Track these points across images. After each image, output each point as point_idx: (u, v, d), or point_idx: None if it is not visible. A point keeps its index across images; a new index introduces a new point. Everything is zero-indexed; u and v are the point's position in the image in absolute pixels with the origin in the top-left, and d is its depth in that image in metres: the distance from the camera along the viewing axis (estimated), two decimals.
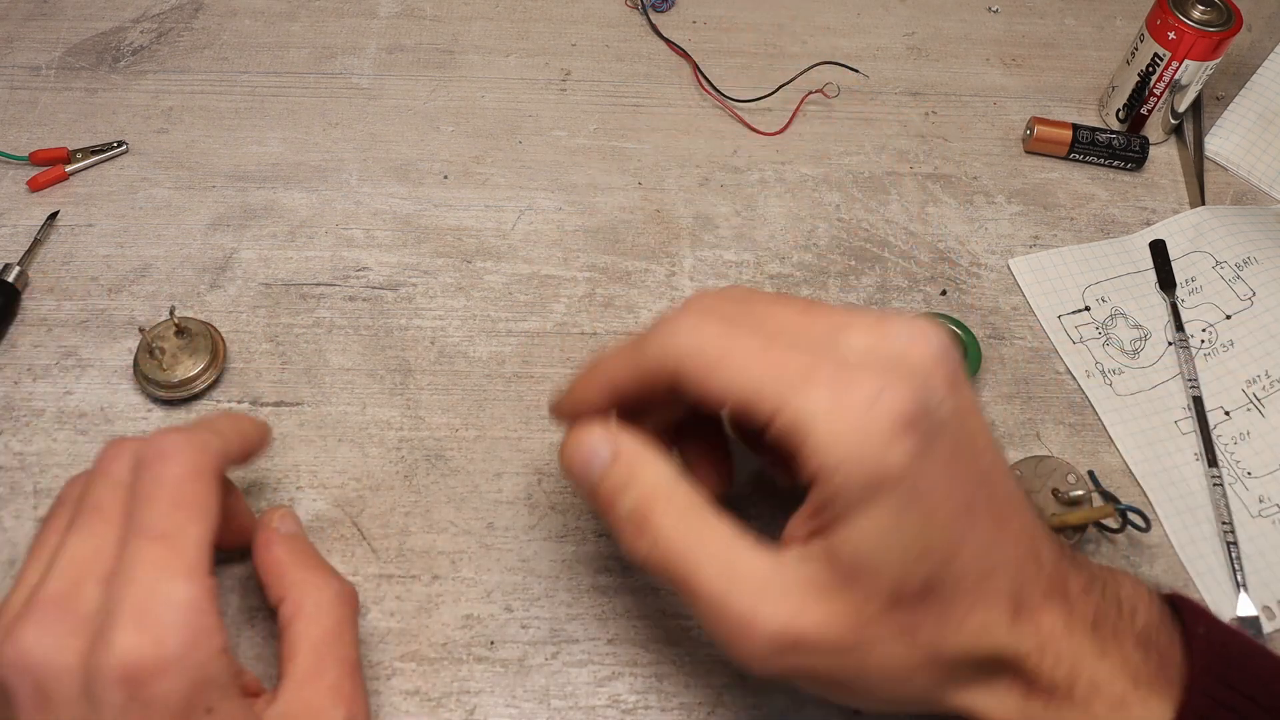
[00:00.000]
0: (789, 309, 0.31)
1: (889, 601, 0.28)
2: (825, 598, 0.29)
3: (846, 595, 0.28)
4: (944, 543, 0.28)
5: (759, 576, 0.29)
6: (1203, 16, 0.53)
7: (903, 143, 0.59)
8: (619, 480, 0.32)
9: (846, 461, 0.27)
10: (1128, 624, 0.30)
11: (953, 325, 0.48)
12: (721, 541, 0.30)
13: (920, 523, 0.28)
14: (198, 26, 0.62)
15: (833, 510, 0.28)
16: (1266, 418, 0.47)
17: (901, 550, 0.28)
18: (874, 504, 0.28)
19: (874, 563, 0.28)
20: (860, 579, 0.28)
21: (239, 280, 0.50)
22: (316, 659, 0.33)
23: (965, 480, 0.29)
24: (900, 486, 0.27)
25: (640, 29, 0.64)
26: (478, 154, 0.57)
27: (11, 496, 0.43)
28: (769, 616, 0.28)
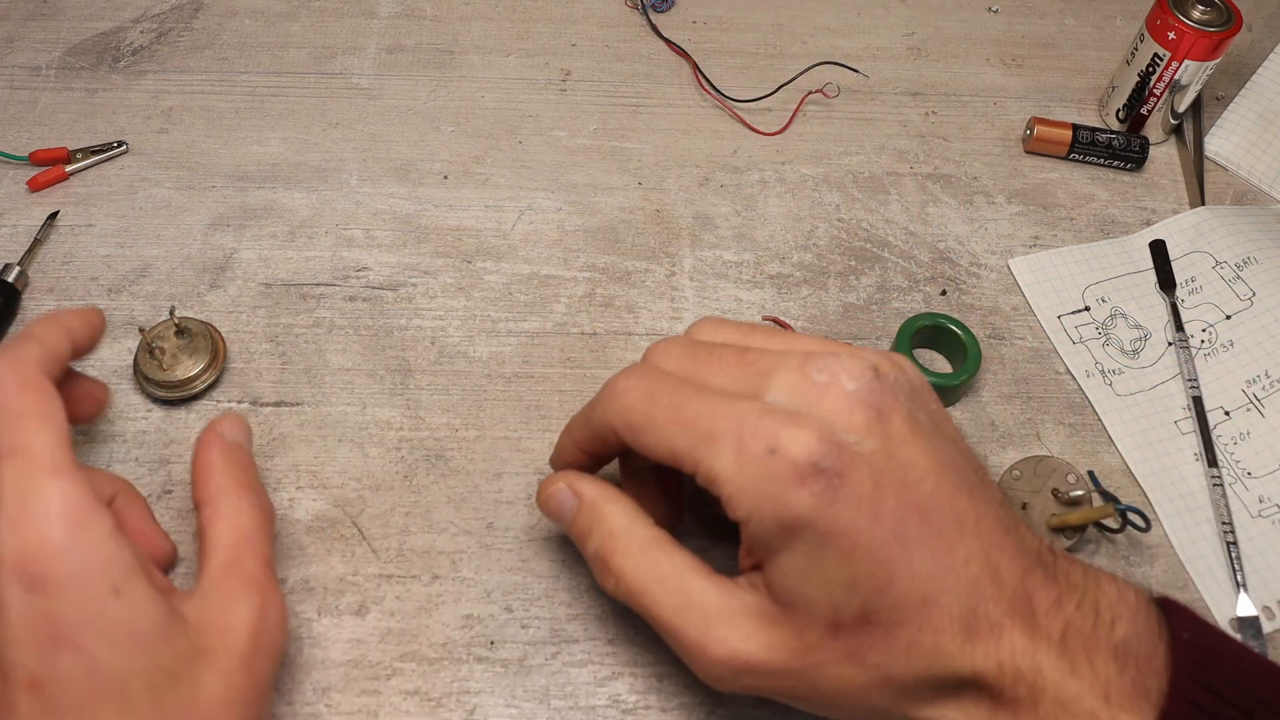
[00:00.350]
0: (727, 357, 0.33)
1: (828, 629, 0.30)
2: (768, 625, 0.31)
3: (787, 623, 0.31)
4: (871, 574, 0.29)
5: (709, 606, 0.32)
6: (1203, 16, 0.53)
7: (903, 143, 0.59)
8: (584, 525, 0.35)
9: (754, 512, 0.30)
10: (1104, 636, 0.30)
11: (953, 325, 0.48)
12: (675, 574, 0.33)
13: (839, 559, 0.29)
14: (198, 26, 0.62)
15: (757, 552, 0.31)
16: (1266, 418, 0.47)
17: (827, 584, 0.29)
18: (787, 547, 0.30)
19: (804, 596, 0.30)
20: (797, 609, 0.30)
21: (239, 280, 0.50)
22: (233, 555, 0.34)
23: (891, 512, 0.29)
24: (809, 529, 0.29)
25: (640, 29, 0.64)
26: (478, 154, 0.57)
27: None
28: (718, 642, 0.31)
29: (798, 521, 0.29)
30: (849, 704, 0.31)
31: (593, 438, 0.36)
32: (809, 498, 0.29)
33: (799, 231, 0.54)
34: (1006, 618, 0.29)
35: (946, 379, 0.46)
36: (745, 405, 0.31)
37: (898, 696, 0.30)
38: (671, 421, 0.32)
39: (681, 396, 0.32)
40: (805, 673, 0.31)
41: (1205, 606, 0.42)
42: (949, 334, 0.48)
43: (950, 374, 0.47)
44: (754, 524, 0.30)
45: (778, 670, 0.31)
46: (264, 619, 0.33)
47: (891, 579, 0.29)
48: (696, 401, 0.32)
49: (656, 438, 0.32)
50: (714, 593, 0.32)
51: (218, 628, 0.32)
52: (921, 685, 0.30)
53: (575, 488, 0.36)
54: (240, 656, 0.32)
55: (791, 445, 0.29)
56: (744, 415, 0.30)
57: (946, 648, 0.29)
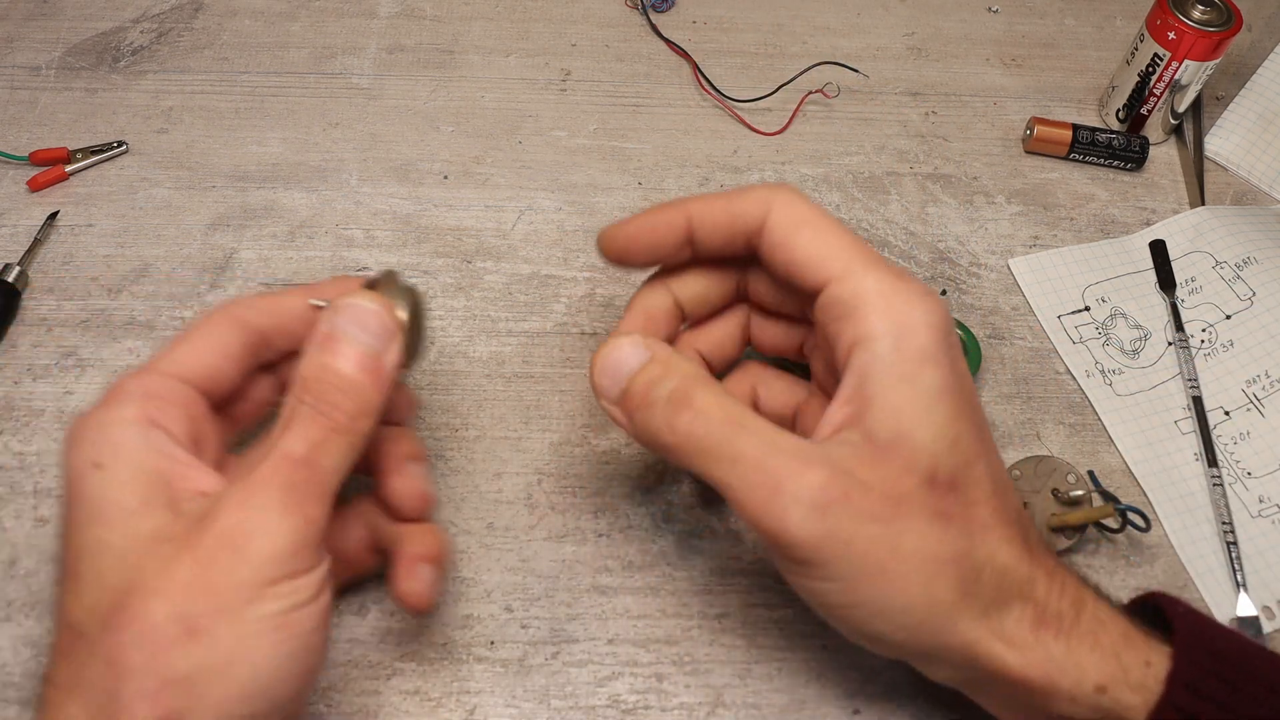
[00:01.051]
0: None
1: (925, 480, 0.30)
2: (865, 466, 0.30)
3: (885, 466, 0.30)
4: (967, 445, 0.31)
5: (801, 447, 0.30)
6: (1203, 16, 0.53)
7: (903, 143, 0.59)
8: (655, 374, 0.33)
9: (896, 327, 0.30)
10: (1104, 597, 0.33)
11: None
12: (759, 421, 0.31)
13: (954, 411, 0.30)
14: (198, 26, 0.62)
15: (875, 380, 0.30)
16: (1266, 418, 0.47)
17: (935, 431, 0.30)
18: (917, 375, 0.30)
19: (913, 436, 0.30)
20: (898, 452, 0.30)
21: (239, 280, 0.50)
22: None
23: (977, 406, 0.32)
24: (940, 369, 0.30)
25: (640, 29, 0.64)
26: (478, 154, 0.57)
27: (11, 496, 0.43)
28: (813, 475, 0.29)
29: (935, 357, 0.30)
30: (919, 581, 0.29)
31: (724, 219, 0.34)
32: (947, 343, 0.31)
33: None
34: (1040, 547, 0.32)
35: None
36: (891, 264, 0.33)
37: (963, 587, 0.30)
38: (839, 236, 0.33)
39: (852, 233, 0.33)
40: (895, 523, 0.29)
41: (1205, 606, 0.42)
42: None
43: None
44: (889, 341, 0.30)
45: (870, 513, 0.29)
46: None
47: (976, 459, 0.31)
48: (866, 244, 0.33)
49: (814, 237, 0.33)
50: (800, 441, 0.31)
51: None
52: (987, 576, 0.30)
53: (647, 343, 0.34)
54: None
55: (936, 305, 0.31)
56: (901, 270, 0.32)
57: (1011, 549, 0.31)
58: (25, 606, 0.40)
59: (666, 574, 0.42)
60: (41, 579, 0.40)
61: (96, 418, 0.30)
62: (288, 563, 0.28)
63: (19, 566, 0.41)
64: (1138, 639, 0.31)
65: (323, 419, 0.30)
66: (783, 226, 0.33)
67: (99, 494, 0.29)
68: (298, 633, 0.28)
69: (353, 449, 0.31)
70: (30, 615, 0.40)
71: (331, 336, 0.31)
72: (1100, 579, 0.43)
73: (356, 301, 0.32)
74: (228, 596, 0.27)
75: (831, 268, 0.32)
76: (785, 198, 0.34)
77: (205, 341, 0.33)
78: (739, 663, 0.40)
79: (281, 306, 0.35)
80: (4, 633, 0.39)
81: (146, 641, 0.27)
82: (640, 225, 0.35)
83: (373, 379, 0.31)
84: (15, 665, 0.38)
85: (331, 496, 0.30)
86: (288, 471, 0.29)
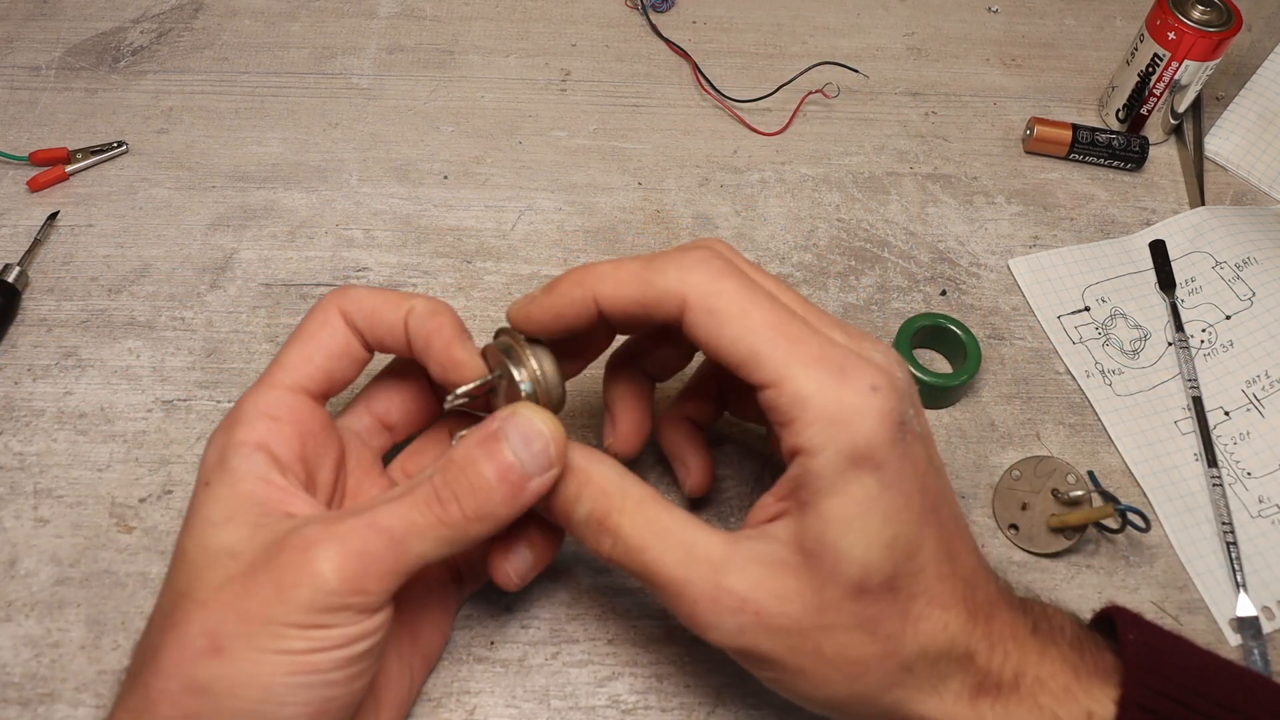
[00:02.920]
0: (792, 294, 0.33)
1: (851, 590, 0.29)
2: (784, 574, 0.30)
3: (807, 575, 0.30)
4: (909, 539, 0.30)
5: (716, 555, 0.30)
6: (1203, 16, 0.53)
7: (903, 143, 0.59)
8: (568, 492, 0.33)
9: (831, 441, 0.29)
10: (1058, 632, 0.32)
11: (953, 325, 0.48)
12: (677, 529, 0.31)
13: (892, 511, 0.29)
14: (198, 26, 0.62)
15: (809, 489, 0.30)
16: (1266, 418, 0.47)
17: (868, 539, 0.29)
18: (853, 484, 0.29)
19: (840, 547, 0.29)
20: (824, 562, 0.29)
21: (239, 280, 0.50)
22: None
23: (927, 490, 0.31)
24: (880, 471, 0.29)
25: (640, 29, 0.64)
26: (478, 154, 0.57)
27: (11, 496, 0.43)
28: (727, 591, 0.30)
29: (874, 459, 0.29)
30: (843, 679, 0.30)
31: (639, 299, 0.32)
32: (891, 440, 0.29)
33: (799, 232, 0.54)
34: (997, 604, 0.32)
35: (946, 379, 0.46)
36: (849, 349, 0.31)
37: (896, 675, 0.30)
38: (768, 326, 0.30)
39: (782, 310, 0.31)
40: (814, 633, 0.30)
41: (1205, 606, 0.42)
42: (949, 334, 0.48)
43: (950, 374, 0.47)
44: (825, 455, 0.29)
45: (787, 626, 0.30)
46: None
47: (919, 548, 0.30)
48: (800, 324, 0.31)
49: (743, 334, 0.30)
50: (719, 543, 0.31)
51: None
52: (921, 662, 0.30)
53: (558, 451, 0.32)
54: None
55: (888, 393, 0.29)
56: (849, 354, 0.30)
57: (951, 624, 0.30)
58: (25, 606, 0.40)
59: None
60: (42, 579, 0.40)
61: (219, 439, 0.33)
62: (324, 617, 0.29)
63: (19, 566, 0.41)
64: (1079, 691, 0.31)
65: (438, 507, 0.30)
66: (703, 323, 0.31)
67: (196, 507, 0.32)
68: (315, 670, 0.29)
69: (450, 544, 0.31)
70: (30, 615, 0.40)
71: (495, 437, 0.31)
72: (1100, 579, 0.43)
73: (531, 417, 0.32)
74: (256, 626, 0.28)
75: (766, 371, 0.30)
76: (700, 283, 0.31)
77: (314, 345, 0.35)
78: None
79: (379, 318, 0.35)
80: (4, 633, 0.39)
81: (178, 648, 0.29)
82: (546, 307, 0.34)
83: (509, 493, 0.31)
84: (15, 665, 0.38)
85: (406, 576, 0.30)
86: (368, 539, 0.29)
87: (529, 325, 0.35)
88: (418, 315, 0.35)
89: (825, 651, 0.30)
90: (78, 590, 0.40)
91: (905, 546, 0.30)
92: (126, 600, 0.40)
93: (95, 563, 0.41)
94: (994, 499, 0.45)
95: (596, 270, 0.33)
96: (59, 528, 0.42)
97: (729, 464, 0.45)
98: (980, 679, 0.31)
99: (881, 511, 0.29)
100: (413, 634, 0.37)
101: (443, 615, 0.38)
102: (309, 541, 0.29)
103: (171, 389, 0.46)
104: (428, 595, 0.38)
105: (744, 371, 0.30)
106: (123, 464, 0.44)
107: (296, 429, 0.33)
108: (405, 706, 0.37)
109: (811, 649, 0.30)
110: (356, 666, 0.30)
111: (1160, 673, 0.31)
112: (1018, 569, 0.43)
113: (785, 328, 0.30)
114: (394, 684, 0.36)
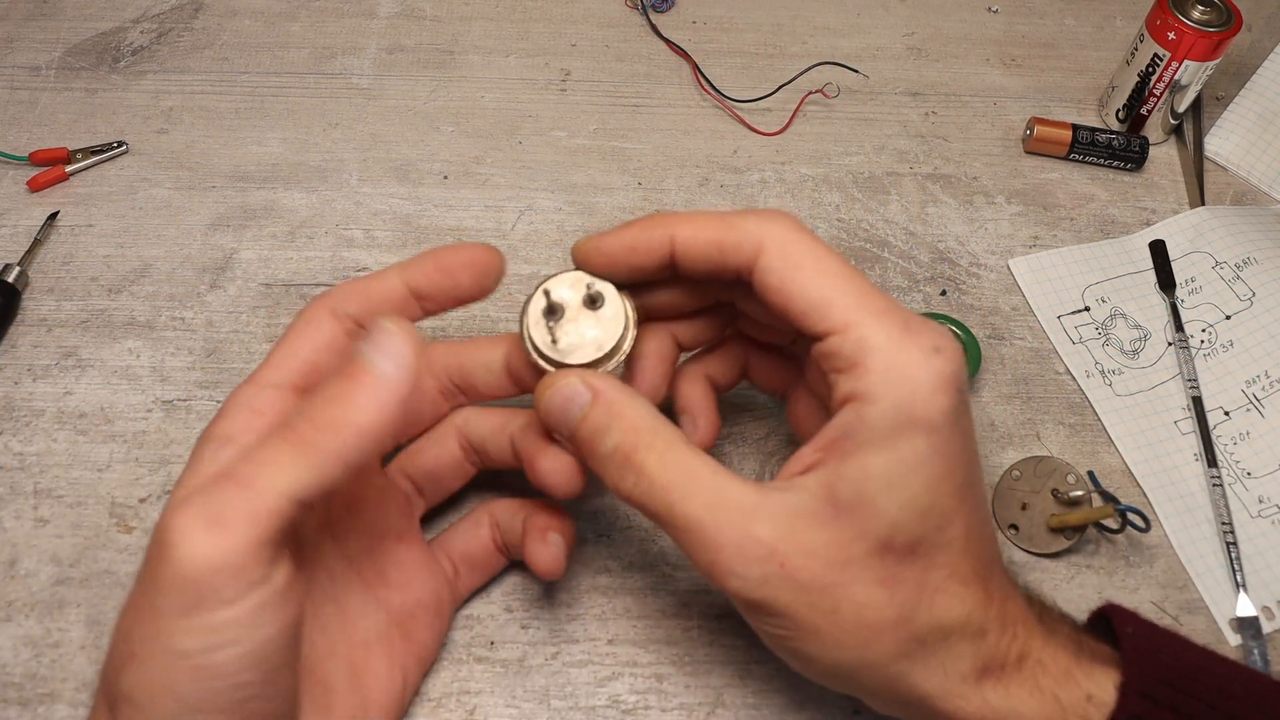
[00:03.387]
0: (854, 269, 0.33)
1: (877, 547, 0.29)
2: (813, 525, 0.29)
3: (836, 528, 0.29)
4: (945, 510, 0.29)
5: (747, 503, 0.30)
6: (1203, 16, 0.53)
7: (903, 143, 0.59)
8: (599, 422, 0.32)
9: (889, 394, 0.29)
10: (1059, 623, 0.33)
11: (953, 325, 0.48)
12: (706, 473, 0.31)
13: (934, 479, 0.29)
14: (198, 26, 0.62)
15: (855, 439, 0.29)
16: (1266, 418, 0.47)
17: (903, 500, 0.29)
18: (903, 442, 0.29)
19: (876, 502, 0.29)
20: (855, 515, 0.29)
21: (239, 280, 0.50)
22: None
23: (971, 466, 0.31)
24: (933, 436, 0.29)
25: (640, 29, 0.64)
26: (478, 154, 0.57)
27: (11, 496, 0.43)
28: (755, 539, 0.29)
29: (930, 422, 0.29)
30: (854, 644, 0.30)
31: (716, 244, 0.32)
32: (947, 407, 0.29)
33: None
34: (1010, 590, 0.32)
35: None
36: (903, 309, 0.31)
37: (907, 644, 0.30)
38: (841, 276, 0.30)
39: (853, 269, 0.31)
40: (833, 589, 0.29)
41: (1205, 606, 0.42)
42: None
43: None
44: (882, 405, 0.29)
45: (809, 580, 0.29)
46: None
47: (950, 521, 0.30)
48: (869, 283, 0.31)
49: (814, 279, 0.30)
50: (750, 491, 0.30)
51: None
52: (933, 634, 0.30)
53: (590, 383, 0.32)
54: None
55: (949, 358, 0.29)
56: (914, 315, 0.30)
57: (969, 600, 0.30)
58: (25, 607, 0.40)
59: (666, 574, 0.42)
60: (42, 579, 0.40)
61: (201, 434, 0.32)
62: (198, 594, 0.26)
63: (19, 566, 0.41)
64: (1079, 675, 0.31)
65: (288, 432, 0.28)
66: (778, 268, 0.31)
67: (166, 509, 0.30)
68: (220, 674, 0.26)
69: (315, 469, 0.27)
70: (30, 615, 0.40)
71: (348, 358, 0.30)
72: (1100, 579, 0.43)
73: (382, 322, 0.30)
74: (151, 627, 0.27)
75: (834, 317, 0.30)
76: (779, 233, 0.31)
77: (300, 340, 0.34)
78: (739, 663, 0.40)
79: (371, 290, 0.34)
80: (4, 633, 0.39)
81: (110, 656, 0.29)
82: (621, 243, 0.33)
83: (364, 389, 0.28)
84: (15, 665, 0.38)
85: (276, 522, 0.27)
86: (212, 493, 0.27)
87: (597, 257, 0.34)
88: (411, 265, 0.34)
89: (842, 611, 0.29)
90: (78, 590, 0.40)
91: (938, 517, 0.29)
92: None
93: (95, 563, 0.41)
94: (994, 499, 0.45)
95: (675, 214, 0.33)
96: (59, 528, 0.42)
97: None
98: (988, 658, 0.30)
99: (925, 476, 0.29)
100: (404, 632, 0.36)
101: (438, 616, 0.38)
102: (166, 517, 0.27)
103: (171, 389, 0.46)
104: (420, 594, 0.37)
105: (812, 318, 0.30)
106: (123, 464, 0.44)
107: (279, 420, 0.31)
108: (397, 708, 0.36)
109: (829, 607, 0.29)
110: (269, 664, 0.27)
111: (1159, 661, 0.31)
112: (1018, 569, 0.43)
113: (857, 280, 0.30)
114: (383, 683, 0.35)
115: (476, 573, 0.40)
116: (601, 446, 0.32)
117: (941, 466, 0.29)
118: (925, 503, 0.29)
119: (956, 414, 0.29)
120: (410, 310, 0.35)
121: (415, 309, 0.35)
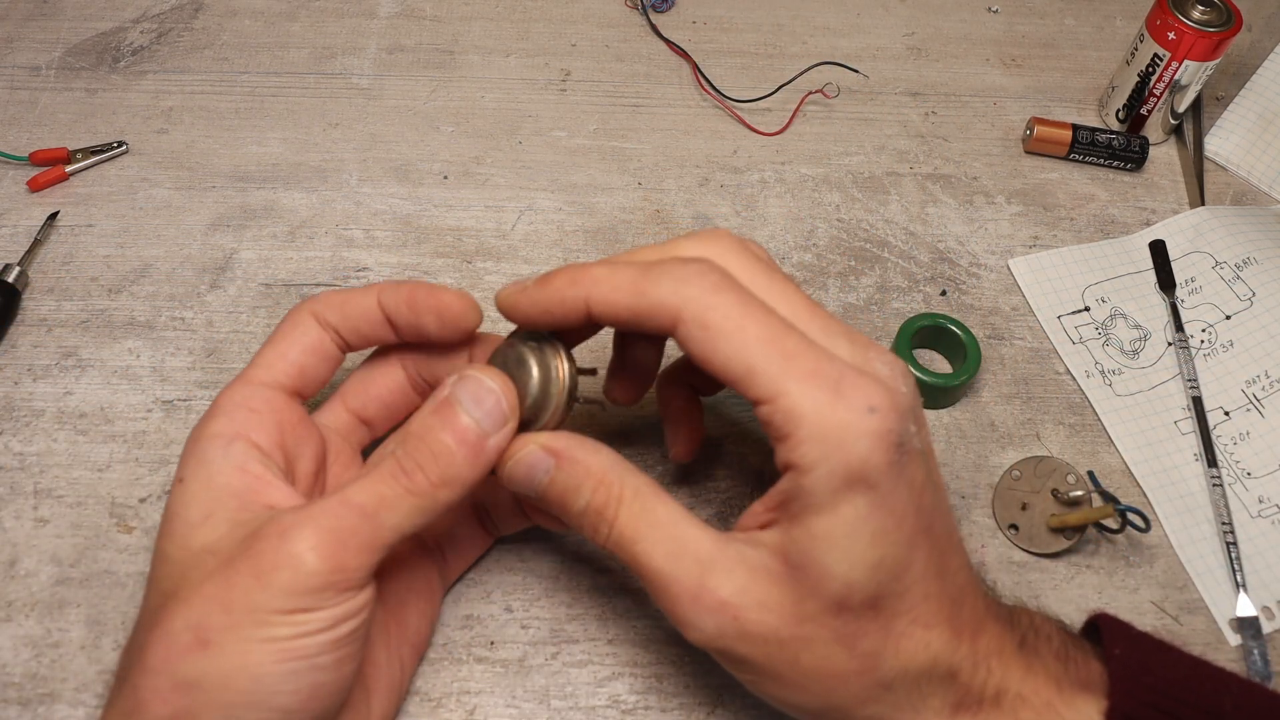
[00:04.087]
0: (802, 298, 0.32)
1: (832, 605, 0.29)
2: (768, 582, 0.30)
3: (789, 586, 0.29)
4: (896, 560, 0.29)
5: (704, 554, 0.30)
6: (1203, 17, 0.53)
7: (903, 143, 0.59)
8: (568, 483, 0.33)
9: (824, 459, 0.28)
10: (1044, 642, 0.32)
11: (953, 325, 0.48)
12: (669, 522, 0.31)
13: (881, 532, 0.29)
14: (198, 26, 0.62)
15: (799, 504, 0.29)
16: (1266, 418, 0.47)
17: (853, 559, 0.29)
18: (843, 504, 0.29)
19: (824, 563, 0.29)
20: (807, 575, 0.29)
21: (239, 280, 0.50)
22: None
23: (922, 510, 0.30)
24: (872, 493, 0.29)
25: (640, 29, 0.64)
26: (478, 154, 0.57)
27: (11, 496, 0.43)
28: (710, 591, 0.30)
29: (867, 480, 0.28)
30: (819, 690, 0.30)
31: (631, 308, 0.31)
32: (887, 463, 0.28)
33: (799, 232, 0.54)
34: (985, 620, 0.32)
35: (946, 379, 0.46)
36: (838, 358, 0.30)
37: (874, 690, 0.30)
38: (763, 341, 0.29)
39: (779, 325, 0.30)
40: (791, 644, 0.30)
41: (1205, 606, 0.42)
42: (949, 334, 0.48)
43: (950, 374, 0.47)
44: (817, 473, 0.28)
45: (765, 634, 0.30)
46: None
47: (907, 569, 0.30)
48: (797, 338, 0.30)
49: (736, 349, 0.29)
50: (709, 542, 0.31)
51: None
52: (900, 680, 0.30)
53: (549, 446, 0.33)
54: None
55: (886, 413, 0.29)
56: (848, 370, 0.29)
57: (934, 643, 0.30)
58: (25, 607, 0.40)
59: None
60: (42, 579, 0.40)
61: (195, 433, 0.33)
62: (307, 599, 0.29)
63: (19, 567, 0.41)
64: (1061, 706, 0.31)
65: (404, 478, 0.31)
66: (697, 337, 0.30)
67: (173, 507, 0.32)
68: (303, 656, 0.29)
69: (422, 513, 0.31)
70: (30, 615, 0.40)
71: (448, 403, 0.32)
72: (1100, 579, 0.43)
73: (479, 376, 0.32)
74: (239, 616, 0.29)
75: (760, 386, 0.29)
76: (696, 296, 0.30)
77: (288, 342, 0.35)
78: None
79: (349, 305, 0.36)
80: (4, 633, 0.39)
81: (164, 645, 0.29)
82: (537, 301, 0.34)
83: (469, 455, 0.31)
84: (15, 665, 0.38)
85: (384, 551, 0.31)
86: (340, 516, 0.30)
87: (514, 315, 0.34)
88: (388, 290, 0.35)
89: (802, 662, 0.30)
90: (78, 590, 0.40)
91: (892, 567, 0.29)
92: (126, 600, 0.40)
93: (95, 563, 0.41)
94: (994, 499, 0.45)
95: (592, 273, 0.32)
96: (59, 528, 0.42)
97: (729, 464, 0.45)
98: (960, 698, 0.31)
99: (870, 532, 0.29)
100: (399, 621, 0.37)
101: (428, 602, 0.38)
102: (285, 526, 0.29)
103: (171, 389, 0.46)
104: (411, 581, 0.38)
105: (740, 387, 0.30)
106: (123, 464, 0.44)
107: (274, 419, 0.34)
108: (396, 695, 0.37)
109: (789, 658, 0.30)
110: (344, 649, 0.30)
111: (1146, 684, 0.31)
112: (1018, 569, 0.43)
113: (781, 343, 0.29)
114: (383, 672, 0.36)
115: (463, 553, 0.40)
116: (574, 505, 0.33)
117: (886, 520, 0.29)
118: (874, 558, 0.29)
119: (898, 467, 0.29)
120: (383, 333, 0.36)
121: (388, 332, 0.36)
